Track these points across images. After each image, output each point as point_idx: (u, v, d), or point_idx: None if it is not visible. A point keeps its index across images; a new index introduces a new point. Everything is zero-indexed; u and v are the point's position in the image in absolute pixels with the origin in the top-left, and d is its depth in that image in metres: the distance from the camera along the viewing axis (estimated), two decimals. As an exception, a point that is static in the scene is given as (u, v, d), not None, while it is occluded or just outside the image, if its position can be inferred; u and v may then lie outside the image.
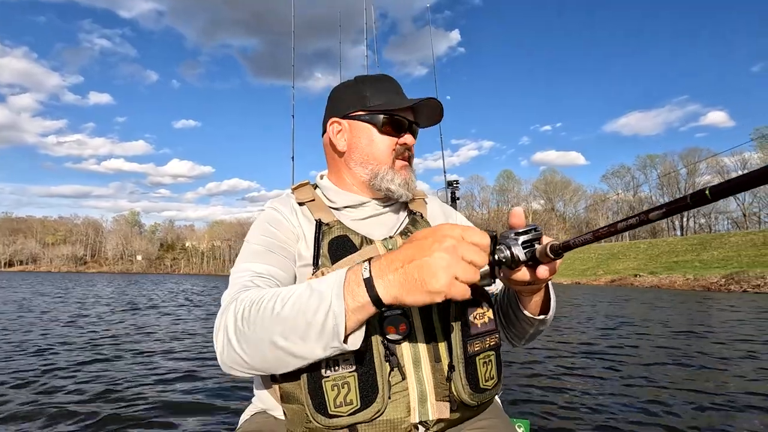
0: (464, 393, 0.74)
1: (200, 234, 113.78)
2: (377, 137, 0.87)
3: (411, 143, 0.89)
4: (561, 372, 4.12)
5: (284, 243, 0.82)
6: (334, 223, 0.84)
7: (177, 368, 4.16)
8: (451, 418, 0.74)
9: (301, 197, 0.90)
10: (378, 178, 0.87)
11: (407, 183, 0.88)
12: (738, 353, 5.12)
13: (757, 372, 4.15)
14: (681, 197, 0.42)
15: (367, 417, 0.67)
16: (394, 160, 0.88)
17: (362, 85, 0.90)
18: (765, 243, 33.11)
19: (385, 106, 0.86)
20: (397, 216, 0.93)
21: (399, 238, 0.83)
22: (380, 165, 0.87)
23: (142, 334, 6.44)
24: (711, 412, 2.99)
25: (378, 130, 0.87)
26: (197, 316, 9.28)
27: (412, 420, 0.70)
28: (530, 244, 0.61)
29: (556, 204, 76.83)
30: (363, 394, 0.67)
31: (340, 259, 0.78)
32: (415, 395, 0.71)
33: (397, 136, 0.88)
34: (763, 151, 53.67)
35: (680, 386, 3.63)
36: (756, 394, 3.38)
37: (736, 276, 23.38)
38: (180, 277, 64.20)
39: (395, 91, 0.89)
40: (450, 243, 0.54)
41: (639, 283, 31.28)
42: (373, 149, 0.87)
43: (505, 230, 0.63)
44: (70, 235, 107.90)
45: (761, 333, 6.92)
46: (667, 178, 63.68)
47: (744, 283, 21.90)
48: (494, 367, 0.79)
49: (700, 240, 42.14)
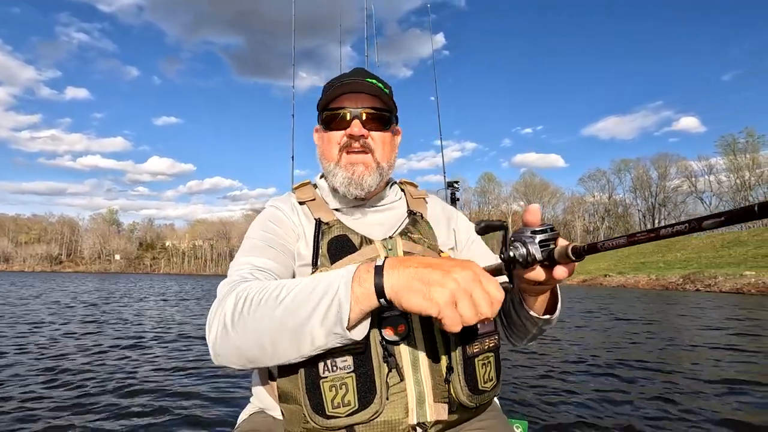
0: (462, 394, 0.73)
1: (181, 233, 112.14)
2: (325, 135, 0.88)
3: (357, 133, 0.83)
4: (559, 372, 4.13)
5: (284, 240, 0.83)
6: (333, 222, 0.83)
7: (176, 368, 4.17)
8: (450, 419, 0.73)
9: (302, 196, 0.90)
10: (329, 176, 0.87)
11: (351, 180, 0.84)
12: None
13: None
14: (748, 206, 0.37)
15: (365, 418, 0.67)
16: (341, 155, 0.85)
17: (325, 87, 0.91)
18: (723, 246, 35.37)
19: (325, 102, 0.86)
20: (397, 216, 0.93)
21: (399, 238, 0.83)
22: (329, 162, 0.87)
23: (139, 332, 6.56)
24: (709, 411, 2.97)
25: (324, 127, 0.88)
26: (194, 313, 9.38)
27: (410, 421, 0.69)
28: (547, 243, 0.59)
29: (535, 206, 78.82)
30: (361, 395, 0.67)
31: (340, 259, 0.77)
32: (413, 396, 0.70)
33: (343, 128, 0.85)
34: (727, 158, 56.56)
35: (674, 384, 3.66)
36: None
37: (692, 276, 25.10)
38: (163, 276, 63.16)
39: (347, 83, 0.85)
40: (468, 275, 0.54)
41: (607, 283, 32.90)
42: (323, 147, 0.88)
43: (520, 227, 0.61)
44: (44, 234, 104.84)
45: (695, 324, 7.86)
46: (640, 182, 66.28)
47: (698, 283, 23.59)
48: (493, 369, 0.79)
49: (666, 242, 44.18)
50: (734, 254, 31.42)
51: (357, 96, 0.85)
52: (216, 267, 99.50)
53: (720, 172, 58.70)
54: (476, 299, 0.53)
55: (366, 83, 0.84)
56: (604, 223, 71.36)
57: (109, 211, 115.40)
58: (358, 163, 0.84)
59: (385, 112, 0.86)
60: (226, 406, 3.09)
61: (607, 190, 72.03)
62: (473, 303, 0.53)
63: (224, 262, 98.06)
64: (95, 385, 3.55)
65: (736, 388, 3.59)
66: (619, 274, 34.72)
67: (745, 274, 22.11)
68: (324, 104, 0.86)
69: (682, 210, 63.93)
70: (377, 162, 0.86)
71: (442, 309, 0.53)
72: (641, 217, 68.02)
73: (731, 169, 56.44)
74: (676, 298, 17.98)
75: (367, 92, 0.84)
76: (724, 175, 58.03)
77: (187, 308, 11.20)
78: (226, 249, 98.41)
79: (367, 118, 0.84)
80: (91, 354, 4.83)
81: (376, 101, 0.85)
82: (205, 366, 4.27)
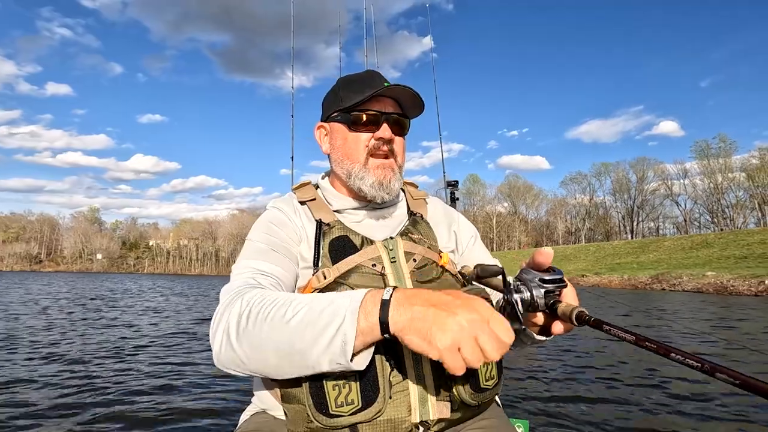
0: (465, 393, 0.73)
1: (165, 232, 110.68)
2: (349, 135, 0.85)
3: (388, 137, 0.84)
4: (560, 372, 4.12)
5: (287, 243, 0.82)
6: (334, 223, 0.83)
7: (175, 368, 4.17)
8: (452, 418, 0.74)
9: (303, 196, 0.90)
10: (352, 178, 0.86)
11: (381, 183, 0.84)
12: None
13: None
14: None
15: (368, 417, 0.67)
16: (367, 158, 0.85)
17: (340, 84, 0.90)
18: (692, 247, 37.20)
19: (353, 102, 0.84)
20: (397, 216, 0.92)
21: (399, 238, 0.83)
22: (353, 163, 0.85)
23: (140, 332, 6.60)
24: (708, 412, 2.96)
25: (348, 127, 0.85)
26: (194, 315, 9.44)
27: (413, 420, 0.70)
28: (552, 291, 0.58)
29: (518, 207, 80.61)
30: (364, 393, 0.66)
31: (341, 260, 0.78)
32: (416, 395, 0.70)
33: (371, 130, 0.84)
34: (701, 162, 58.89)
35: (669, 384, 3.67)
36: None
37: (660, 276, 26.50)
38: (151, 276, 62.47)
39: (370, 85, 0.85)
40: (475, 317, 0.53)
41: (584, 282, 34.19)
42: (347, 147, 0.86)
43: (527, 268, 0.60)
44: (23, 232, 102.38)
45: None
46: (619, 185, 68.36)
47: (664, 282, 25.01)
48: (494, 367, 0.79)
49: (641, 244, 46.21)
50: (701, 255, 33.13)
51: (385, 100, 0.85)
52: (201, 267, 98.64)
53: (695, 176, 61.09)
54: (482, 343, 0.52)
55: (398, 88, 0.83)
56: (585, 224, 73.34)
57: (91, 209, 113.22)
58: (386, 167, 0.86)
59: (406, 117, 0.89)
60: (227, 406, 3.08)
61: (588, 192, 74.13)
62: (479, 347, 0.52)
63: (210, 262, 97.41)
64: (94, 384, 3.60)
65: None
66: (596, 274, 36.03)
67: (707, 275, 23.55)
68: (352, 104, 0.84)
69: (659, 212, 66.30)
70: (399, 166, 0.89)
71: (442, 354, 0.52)
72: (621, 218, 70.16)
73: (705, 173, 58.77)
74: (643, 295, 18.97)
75: (395, 96, 0.85)
76: (698, 178, 60.37)
77: (186, 306, 11.35)
78: (212, 249, 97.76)
79: (393, 123, 0.86)
80: (95, 352, 4.98)
81: (398, 107, 0.87)
82: (205, 366, 4.28)
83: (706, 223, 60.04)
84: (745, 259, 27.75)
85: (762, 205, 52.81)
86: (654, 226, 67.32)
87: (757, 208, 53.78)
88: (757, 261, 26.29)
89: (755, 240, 32.46)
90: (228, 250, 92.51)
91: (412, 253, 0.82)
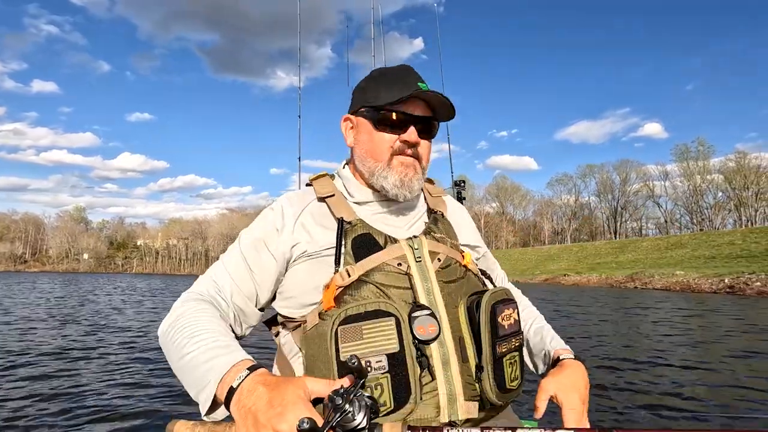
0: (492, 393, 0.74)
1: (154, 232, 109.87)
2: (375, 133, 0.84)
3: (413, 140, 0.82)
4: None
5: (266, 263, 0.81)
6: (356, 222, 0.82)
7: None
8: (479, 418, 0.74)
9: (322, 191, 0.88)
10: (375, 176, 0.85)
11: (403, 182, 0.84)
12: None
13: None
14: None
15: (399, 418, 0.66)
16: (391, 157, 0.84)
17: (369, 79, 0.89)
18: (667, 248, 38.86)
19: (381, 101, 0.82)
20: (416, 213, 0.92)
21: (423, 237, 0.83)
22: (377, 162, 0.85)
23: (132, 329, 6.99)
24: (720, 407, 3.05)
25: (374, 125, 0.84)
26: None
27: (441, 420, 0.70)
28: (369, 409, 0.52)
29: (506, 208, 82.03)
30: (396, 395, 0.67)
31: (365, 257, 0.77)
32: (445, 395, 0.71)
33: (397, 132, 0.83)
34: (681, 165, 60.87)
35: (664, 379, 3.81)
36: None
37: (635, 275, 27.91)
38: (141, 276, 61.98)
39: (403, 84, 0.82)
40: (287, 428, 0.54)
41: (565, 282, 35.45)
42: (371, 145, 0.85)
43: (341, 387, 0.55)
44: (7, 232, 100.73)
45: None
46: (604, 186, 70.16)
47: (638, 281, 26.41)
48: (519, 368, 0.80)
49: (621, 244, 47.89)
50: (675, 255, 34.71)
51: (415, 100, 0.83)
52: (191, 267, 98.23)
53: (675, 178, 63.03)
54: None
55: (431, 93, 0.81)
56: (571, 225, 75.00)
57: (77, 208, 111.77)
58: (409, 165, 0.84)
59: (436, 122, 0.87)
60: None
61: (574, 193, 75.76)
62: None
63: (199, 262, 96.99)
64: (89, 383, 3.60)
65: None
66: (577, 273, 37.31)
67: (676, 273, 24.95)
68: (382, 103, 0.82)
69: (642, 213, 68.18)
70: (423, 168, 0.88)
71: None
72: (605, 219, 71.88)
73: (685, 175, 60.72)
74: (617, 293, 19.94)
75: (426, 98, 0.83)
76: (678, 180, 62.31)
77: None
78: (201, 249, 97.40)
79: (422, 126, 0.84)
80: (85, 347, 5.14)
81: (428, 108, 0.85)
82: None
83: (686, 223, 62.02)
84: (713, 259, 29.31)
85: (738, 207, 54.80)
86: (637, 226, 69.13)
87: (734, 209, 55.79)
88: (723, 261, 27.85)
89: (724, 241, 34.14)
90: (218, 250, 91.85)
91: (436, 252, 0.82)
